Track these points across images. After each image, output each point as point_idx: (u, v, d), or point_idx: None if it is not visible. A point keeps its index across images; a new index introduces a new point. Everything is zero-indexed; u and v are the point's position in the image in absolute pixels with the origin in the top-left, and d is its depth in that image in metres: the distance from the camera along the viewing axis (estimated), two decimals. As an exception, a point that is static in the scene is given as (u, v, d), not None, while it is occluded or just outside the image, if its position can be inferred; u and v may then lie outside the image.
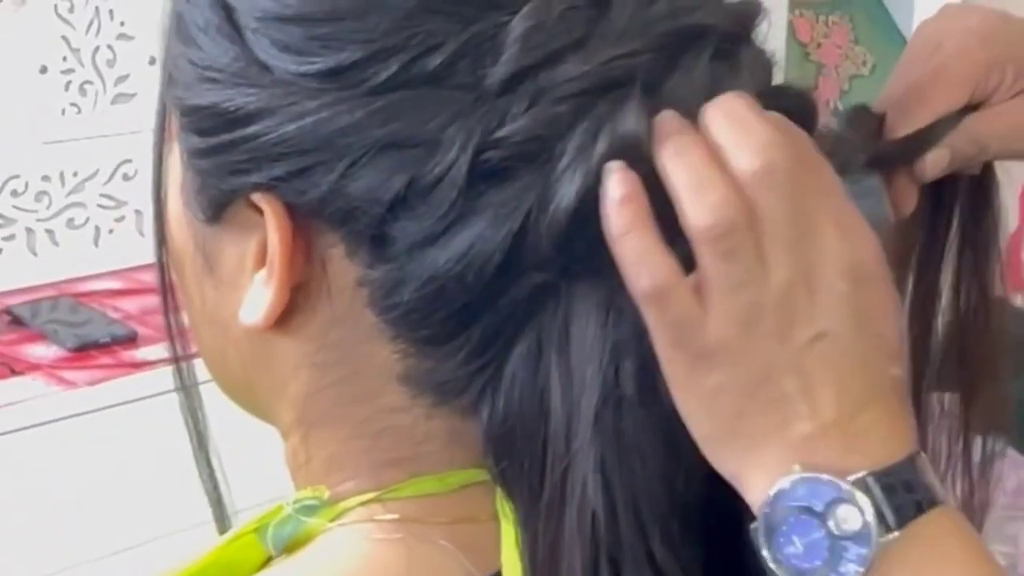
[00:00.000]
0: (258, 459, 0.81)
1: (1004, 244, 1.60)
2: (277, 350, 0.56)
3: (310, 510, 0.55)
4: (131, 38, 1.92)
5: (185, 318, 0.61)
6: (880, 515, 0.49)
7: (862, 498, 0.49)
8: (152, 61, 1.92)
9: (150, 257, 0.61)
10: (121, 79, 1.92)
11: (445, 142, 0.50)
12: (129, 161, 1.94)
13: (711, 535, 0.53)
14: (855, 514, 0.49)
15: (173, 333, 0.61)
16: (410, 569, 0.53)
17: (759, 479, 0.50)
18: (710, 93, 0.51)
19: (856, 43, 2.18)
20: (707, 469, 0.51)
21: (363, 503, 0.55)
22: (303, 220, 0.53)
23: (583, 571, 0.50)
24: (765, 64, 0.54)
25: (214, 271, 0.57)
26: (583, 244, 0.49)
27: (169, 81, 0.56)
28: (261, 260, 0.54)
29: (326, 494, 0.56)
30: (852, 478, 0.49)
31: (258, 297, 0.54)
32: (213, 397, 0.62)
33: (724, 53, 0.52)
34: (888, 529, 0.49)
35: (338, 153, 0.51)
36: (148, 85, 1.94)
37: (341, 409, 0.56)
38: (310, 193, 0.52)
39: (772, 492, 0.49)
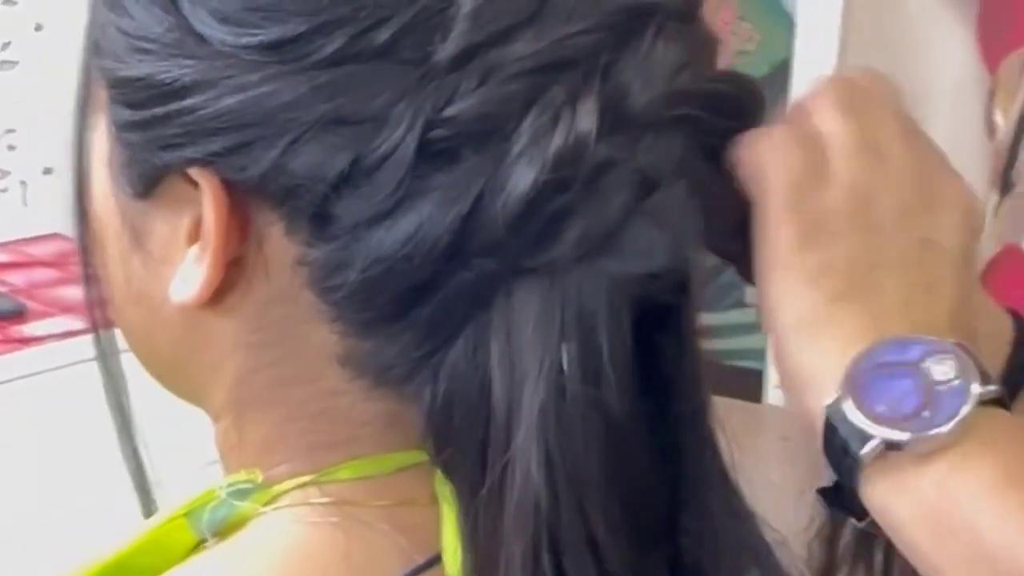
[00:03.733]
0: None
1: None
2: (210, 329, 0.55)
3: (243, 494, 0.54)
4: (14, 3, 1.87)
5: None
6: (980, 371, 0.49)
7: (959, 352, 0.49)
8: (38, 28, 1.87)
9: (36, 229, 0.59)
10: (4, 46, 1.87)
11: (392, 119, 0.48)
12: (13, 131, 1.89)
13: (651, 527, 0.53)
14: (950, 369, 0.49)
15: (94, 305, 0.60)
16: (348, 553, 0.52)
17: (843, 338, 0.50)
18: (664, 74, 0.50)
19: (742, 20, 2.20)
20: (649, 458, 0.51)
21: (299, 486, 0.54)
22: (240, 196, 0.51)
23: (523, 556, 0.49)
24: (713, 44, 0.54)
25: (143, 247, 0.55)
26: (533, 232, 0.49)
27: (95, 50, 0.54)
28: (194, 235, 0.53)
29: (260, 477, 0.55)
30: (950, 340, 0.49)
31: (191, 273, 0.53)
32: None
33: (673, 32, 0.51)
34: (985, 383, 0.49)
35: (280, 128, 0.49)
36: (32, 53, 1.89)
37: (277, 391, 0.54)
38: (250, 169, 0.50)
39: (859, 350, 0.49)
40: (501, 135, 0.49)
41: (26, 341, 1.62)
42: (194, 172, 0.51)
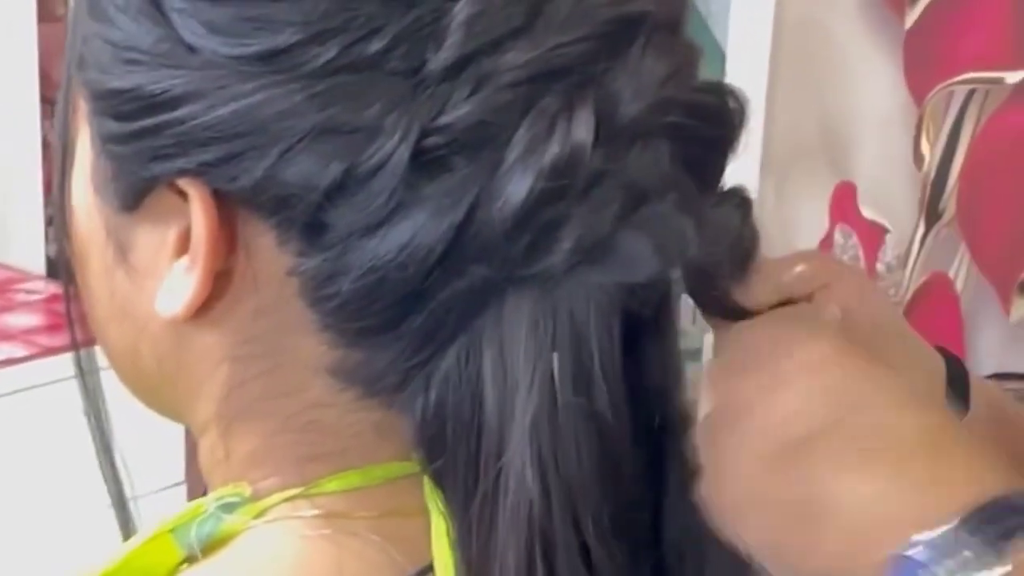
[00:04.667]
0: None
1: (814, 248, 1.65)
2: (196, 342, 0.54)
3: (231, 507, 0.54)
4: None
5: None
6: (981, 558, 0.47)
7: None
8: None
9: None
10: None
11: (386, 128, 0.48)
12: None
13: (639, 536, 0.53)
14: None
15: (74, 321, 0.59)
16: (341, 565, 0.52)
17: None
18: (654, 83, 0.50)
19: (670, 53, 2.23)
20: (637, 466, 0.52)
21: (287, 499, 0.54)
22: (230, 207, 0.51)
23: (517, 564, 0.49)
24: (697, 54, 0.54)
25: (127, 261, 0.54)
26: (527, 241, 0.49)
27: (79, 63, 0.54)
28: (181, 248, 0.52)
29: (248, 491, 0.54)
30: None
31: (178, 286, 0.52)
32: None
33: (661, 41, 0.51)
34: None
35: (273, 138, 0.49)
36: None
37: (265, 403, 0.54)
38: (242, 179, 0.50)
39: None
40: (495, 144, 0.49)
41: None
42: (184, 183, 0.51)
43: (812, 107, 1.75)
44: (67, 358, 0.63)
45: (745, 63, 1.80)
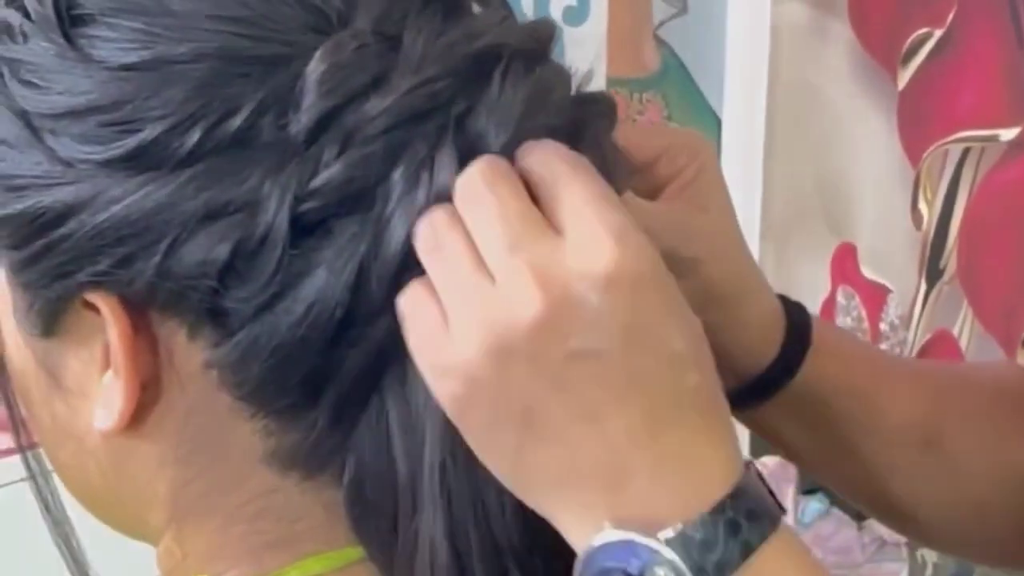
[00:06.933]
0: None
1: (816, 311, 1.66)
2: (137, 452, 0.55)
3: None
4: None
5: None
6: (701, 571, 0.47)
7: (677, 560, 0.47)
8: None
9: None
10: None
11: (262, 201, 0.49)
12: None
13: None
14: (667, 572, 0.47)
15: (17, 423, 0.59)
16: None
17: (572, 525, 0.49)
18: (516, 114, 0.50)
19: (669, 119, 2.24)
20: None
21: None
22: (139, 311, 0.52)
23: None
24: (565, 79, 0.54)
25: (60, 385, 0.55)
26: None
27: None
28: (107, 362, 0.53)
29: None
30: (665, 535, 0.47)
31: (108, 400, 0.53)
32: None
33: (522, 72, 0.51)
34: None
35: (157, 234, 0.50)
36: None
37: (212, 498, 0.55)
38: (137, 281, 0.50)
39: (584, 554, 0.48)
40: (372, 198, 0.49)
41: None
42: (91, 297, 0.52)
43: (809, 170, 1.76)
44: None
45: (741, 129, 1.81)
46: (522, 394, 0.48)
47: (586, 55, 1.70)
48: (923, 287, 1.71)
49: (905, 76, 1.69)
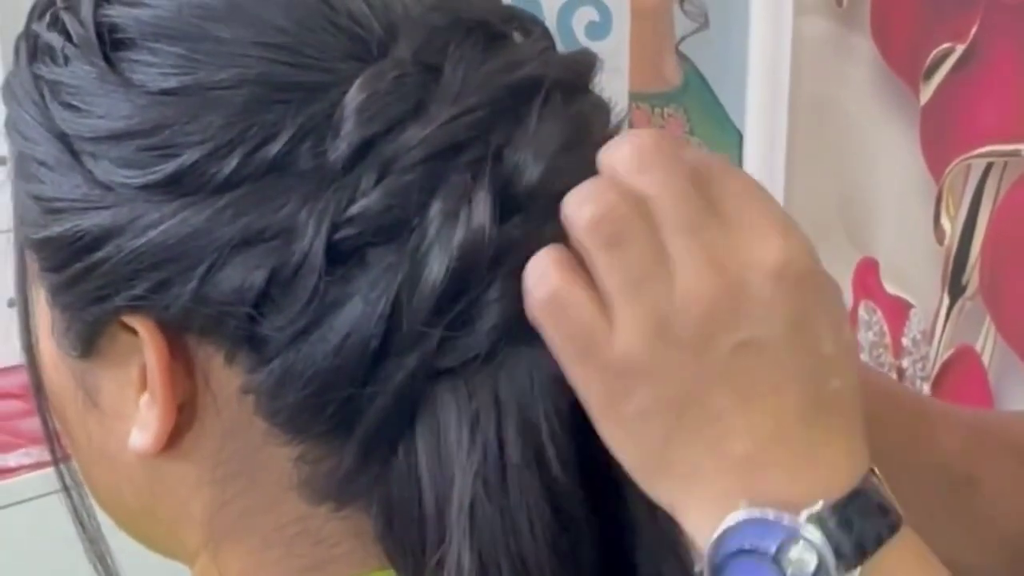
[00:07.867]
0: None
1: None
2: (173, 474, 0.55)
3: None
4: None
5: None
6: (838, 553, 0.47)
7: (816, 536, 0.47)
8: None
9: (2, 361, 0.59)
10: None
11: (299, 228, 0.49)
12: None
13: None
14: (810, 555, 0.46)
15: (53, 438, 0.60)
16: None
17: (700, 514, 0.48)
18: (554, 147, 0.50)
19: (691, 134, 2.25)
20: (595, 529, 0.51)
21: None
22: (176, 335, 0.52)
23: None
24: (604, 112, 0.53)
25: (97, 405, 0.55)
26: (447, 325, 0.49)
27: (20, 222, 0.55)
28: (143, 384, 0.53)
29: None
30: (805, 514, 0.47)
31: (144, 421, 0.53)
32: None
33: (560, 104, 0.51)
34: (847, 567, 0.47)
35: (193, 260, 0.50)
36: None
37: (248, 520, 0.55)
38: (174, 306, 0.50)
39: (716, 534, 0.47)
40: (409, 227, 0.49)
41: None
42: (130, 320, 0.52)
43: (831, 185, 1.76)
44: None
45: (763, 145, 1.81)
46: (683, 383, 0.47)
47: (608, 70, 1.71)
48: (946, 302, 1.70)
49: (927, 91, 1.69)
